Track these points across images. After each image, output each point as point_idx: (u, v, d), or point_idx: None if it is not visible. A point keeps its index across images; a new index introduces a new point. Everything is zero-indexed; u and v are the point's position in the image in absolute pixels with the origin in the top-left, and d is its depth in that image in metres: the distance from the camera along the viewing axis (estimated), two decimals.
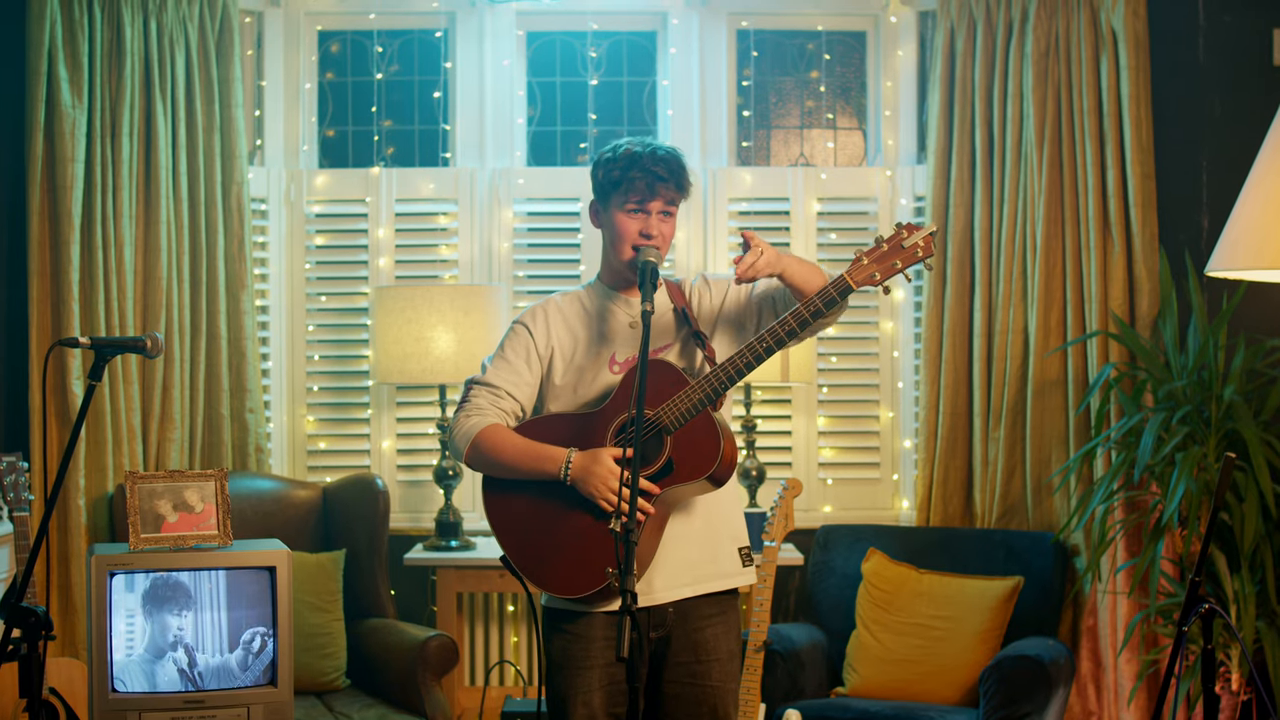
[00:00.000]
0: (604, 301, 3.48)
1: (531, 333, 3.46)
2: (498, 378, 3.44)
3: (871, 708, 4.68)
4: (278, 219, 5.56)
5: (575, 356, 3.43)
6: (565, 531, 3.32)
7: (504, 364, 3.45)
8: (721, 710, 3.40)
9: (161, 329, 5.14)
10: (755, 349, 3.20)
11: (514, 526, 3.39)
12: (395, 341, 5.07)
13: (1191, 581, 3.06)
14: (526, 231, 5.61)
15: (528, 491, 3.37)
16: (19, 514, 4.17)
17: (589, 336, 3.44)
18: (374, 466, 5.56)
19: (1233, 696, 4.75)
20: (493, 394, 3.42)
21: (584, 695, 3.35)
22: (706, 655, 3.39)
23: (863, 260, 3.20)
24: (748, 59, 5.69)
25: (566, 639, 3.38)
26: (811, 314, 3.18)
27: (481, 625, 5.55)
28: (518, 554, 3.37)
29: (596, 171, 3.44)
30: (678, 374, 3.28)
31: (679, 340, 3.42)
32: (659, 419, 3.24)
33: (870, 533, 5.29)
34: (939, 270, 5.36)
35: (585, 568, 3.28)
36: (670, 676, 3.39)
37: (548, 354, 3.44)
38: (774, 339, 3.20)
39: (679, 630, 3.38)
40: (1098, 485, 4.98)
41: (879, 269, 3.19)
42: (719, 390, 3.23)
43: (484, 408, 3.40)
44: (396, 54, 5.71)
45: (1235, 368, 4.80)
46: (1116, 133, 5.20)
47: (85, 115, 5.05)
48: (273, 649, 3.92)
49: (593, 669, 3.35)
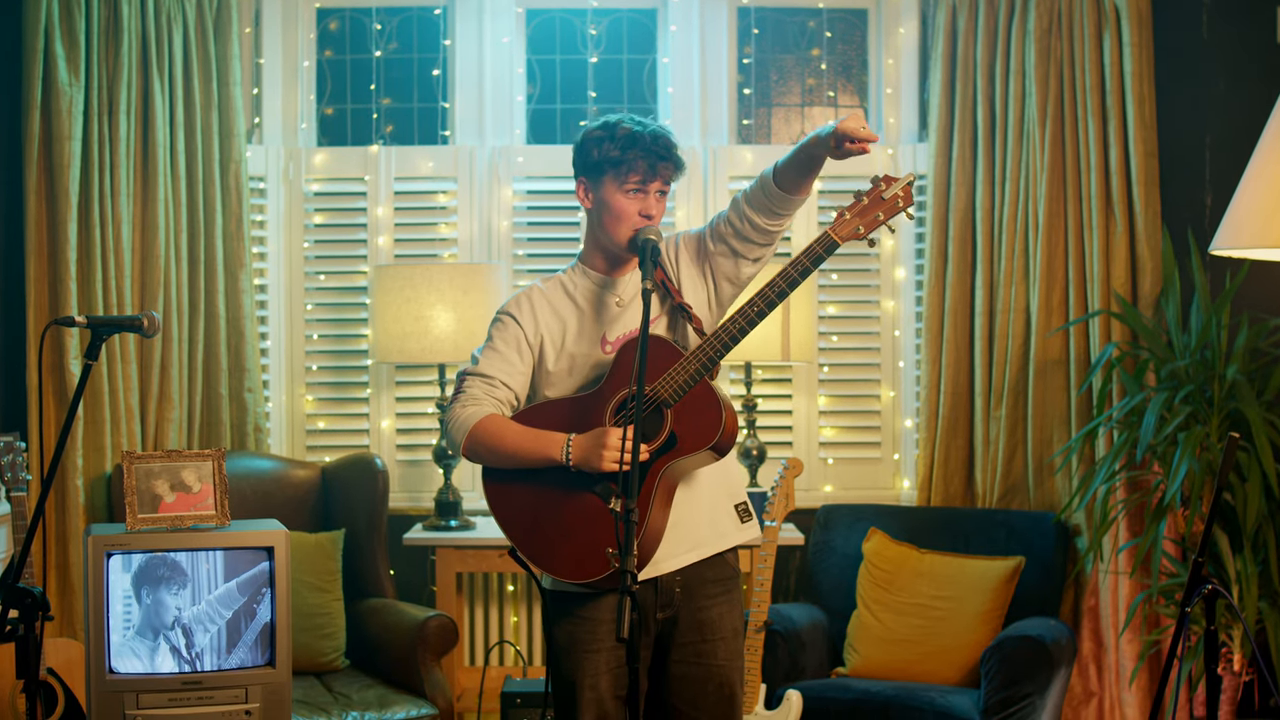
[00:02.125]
0: (587, 284, 3.45)
1: (519, 322, 3.42)
2: (490, 367, 3.40)
3: (872, 688, 4.67)
4: (276, 197, 5.54)
5: (566, 342, 3.41)
6: (571, 517, 3.29)
7: (495, 354, 3.41)
8: (728, 687, 3.40)
9: (159, 308, 5.13)
10: (747, 314, 3.20)
11: (519, 517, 3.36)
12: (394, 320, 5.05)
13: (1194, 562, 3.05)
14: (526, 210, 5.59)
15: (529, 480, 3.34)
16: (16, 494, 4.16)
17: (577, 320, 3.41)
18: (373, 446, 5.55)
19: (1234, 677, 4.74)
20: (487, 383, 3.38)
21: (591, 679, 3.34)
22: (712, 634, 3.39)
23: (845, 215, 3.24)
24: (748, 36, 5.66)
25: (573, 622, 3.37)
26: (800, 273, 3.20)
27: (481, 605, 5.54)
28: (525, 544, 3.34)
29: (588, 149, 3.40)
30: (670, 347, 3.26)
31: (665, 313, 3.39)
32: (657, 393, 3.22)
33: (871, 512, 5.28)
34: (940, 249, 5.34)
35: (594, 551, 3.25)
36: (677, 656, 3.38)
37: (537, 342, 3.41)
38: (765, 302, 3.20)
39: (685, 610, 3.37)
40: (1099, 465, 4.96)
41: (862, 222, 3.23)
42: (714, 359, 3.22)
43: (479, 398, 3.37)
44: (395, 31, 5.68)
45: (1238, 347, 4.79)
46: (1119, 110, 5.18)
47: (82, 93, 5.02)
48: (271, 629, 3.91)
49: (600, 652, 3.34)
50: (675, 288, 3.39)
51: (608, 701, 3.34)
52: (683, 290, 3.40)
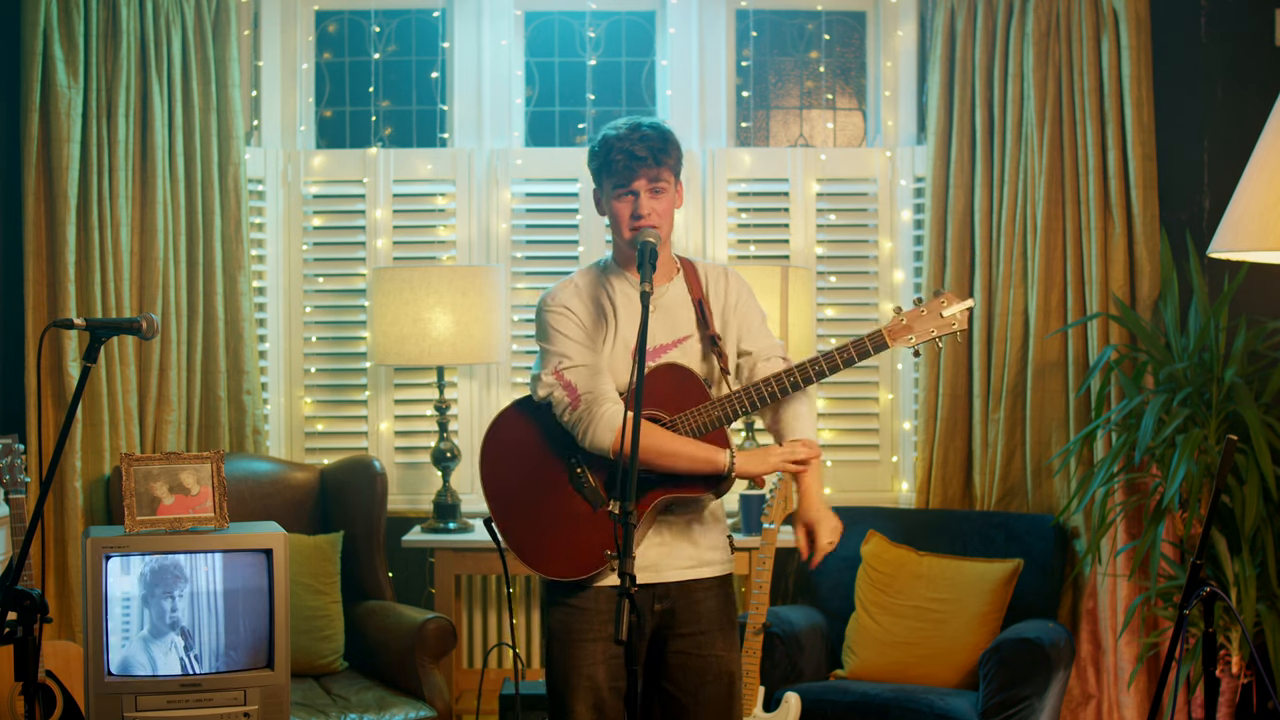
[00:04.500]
0: (619, 284, 3.45)
1: (574, 312, 3.40)
2: (582, 356, 3.35)
3: (871, 690, 4.67)
4: (275, 200, 5.54)
5: (604, 340, 3.41)
6: (553, 512, 3.35)
7: (573, 343, 3.36)
8: (728, 676, 3.44)
9: (158, 310, 5.13)
10: (782, 382, 3.29)
11: (511, 510, 3.41)
12: (393, 323, 5.05)
13: (1193, 564, 3.05)
14: (525, 212, 5.58)
15: (525, 475, 3.39)
16: (15, 496, 4.16)
17: (614, 320, 3.42)
18: (372, 448, 5.55)
19: (1233, 679, 4.74)
20: (594, 373, 3.34)
21: (588, 669, 3.36)
22: (710, 625, 3.43)
23: (902, 319, 3.33)
24: (747, 39, 5.67)
25: (568, 611, 3.39)
26: (844, 361, 3.30)
27: (480, 607, 5.54)
28: (515, 537, 3.39)
29: (589, 160, 3.42)
30: (700, 386, 3.34)
31: (699, 338, 3.43)
32: (674, 427, 3.31)
33: (870, 515, 5.28)
34: (938, 251, 5.34)
35: (567, 550, 3.33)
36: (676, 647, 3.42)
37: (592, 333, 3.40)
38: (803, 376, 3.30)
39: (682, 603, 3.41)
40: (1098, 467, 4.96)
41: (916, 334, 3.33)
42: (738, 414, 3.31)
43: (604, 391, 3.31)
44: (394, 34, 5.68)
45: (1236, 350, 4.79)
46: (1118, 113, 5.18)
47: (81, 95, 5.02)
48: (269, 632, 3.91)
49: (596, 641, 3.36)
50: (709, 310, 3.42)
51: (603, 691, 3.36)
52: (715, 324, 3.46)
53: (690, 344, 3.40)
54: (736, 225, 5.55)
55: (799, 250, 5.53)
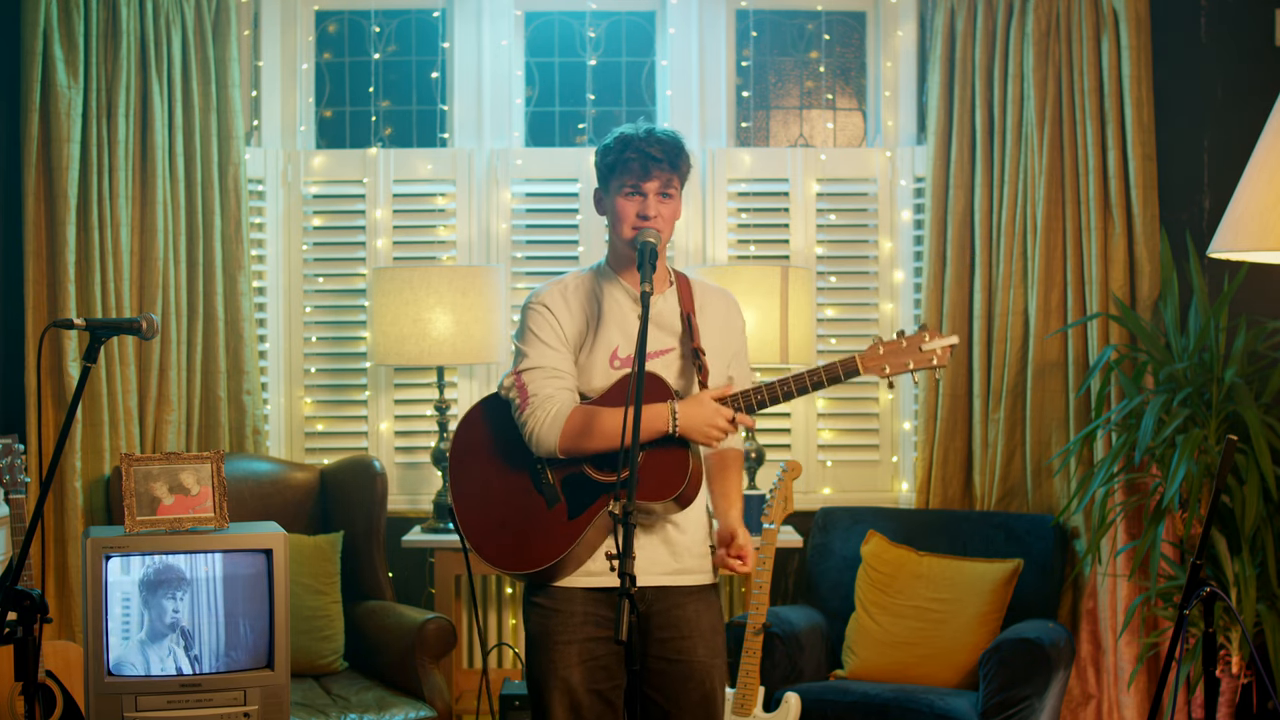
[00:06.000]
0: (610, 287, 3.45)
1: (554, 312, 3.42)
2: (543, 358, 3.38)
3: (871, 690, 4.67)
4: (275, 200, 5.54)
5: (585, 343, 3.42)
6: (515, 510, 3.37)
7: (541, 345, 3.39)
8: (708, 684, 3.40)
9: (158, 310, 5.13)
10: (749, 399, 3.32)
11: (472, 504, 3.44)
12: (393, 323, 5.05)
13: (1193, 564, 3.05)
14: (525, 212, 5.58)
15: (487, 469, 3.43)
16: (15, 496, 4.16)
17: (597, 324, 3.42)
18: (372, 448, 5.55)
19: (1233, 679, 4.74)
20: (548, 375, 3.37)
21: (563, 671, 3.35)
22: (690, 630, 3.40)
23: (879, 349, 3.32)
24: (747, 39, 5.67)
25: (543, 613, 3.40)
26: (813, 384, 3.32)
27: (480, 608, 5.54)
28: (474, 531, 3.43)
29: (598, 157, 3.43)
30: (669, 393, 3.33)
31: (680, 351, 3.43)
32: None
33: (870, 515, 5.28)
34: (939, 252, 5.34)
35: (518, 545, 3.35)
36: (654, 652, 3.39)
37: (572, 335, 3.42)
38: (770, 396, 3.33)
39: (659, 607, 3.40)
40: (1098, 467, 4.96)
41: (890, 363, 3.31)
42: None
43: (550, 394, 3.34)
44: (394, 34, 5.68)
45: (1236, 350, 4.79)
46: (1117, 113, 5.18)
47: (81, 95, 5.03)
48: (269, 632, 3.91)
49: (571, 644, 3.35)
50: (696, 326, 3.42)
51: (579, 693, 3.35)
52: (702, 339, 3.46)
53: (671, 358, 3.41)
54: (736, 225, 5.55)
55: (799, 250, 5.53)
